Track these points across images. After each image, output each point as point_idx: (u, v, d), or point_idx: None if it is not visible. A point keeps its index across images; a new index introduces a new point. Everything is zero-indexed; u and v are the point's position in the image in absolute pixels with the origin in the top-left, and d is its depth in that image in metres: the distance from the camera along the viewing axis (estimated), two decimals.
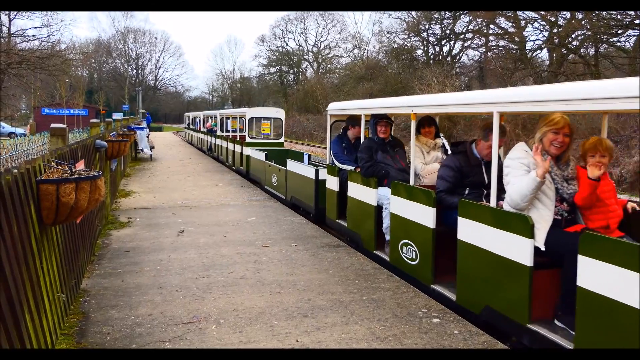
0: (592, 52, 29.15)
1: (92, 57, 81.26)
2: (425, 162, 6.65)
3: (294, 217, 9.55)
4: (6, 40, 33.12)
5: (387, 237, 6.53)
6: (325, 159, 23.07)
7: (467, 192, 5.41)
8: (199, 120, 31.97)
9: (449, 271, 5.28)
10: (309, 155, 12.62)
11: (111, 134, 10.99)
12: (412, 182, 6.00)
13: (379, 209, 6.78)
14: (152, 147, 22.95)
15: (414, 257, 5.81)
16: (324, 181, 8.89)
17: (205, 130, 27.51)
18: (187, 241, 7.63)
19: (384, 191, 6.64)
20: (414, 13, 44.86)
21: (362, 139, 7.52)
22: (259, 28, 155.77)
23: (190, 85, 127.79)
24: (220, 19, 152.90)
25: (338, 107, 8.55)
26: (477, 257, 4.73)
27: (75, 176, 3.71)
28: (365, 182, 7.01)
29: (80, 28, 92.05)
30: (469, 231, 4.83)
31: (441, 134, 7.29)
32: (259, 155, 14.51)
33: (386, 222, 6.52)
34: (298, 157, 13.78)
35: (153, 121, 58.93)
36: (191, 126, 37.08)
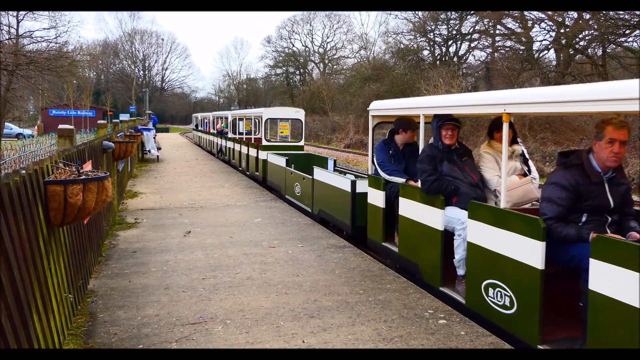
0: (599, 52, 29.03)
1: (100, 59, 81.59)
2: (500, 174, 5.40)
3: (300, 218, 9.56)
4: (14, 41, 33.31)
5: (460, 272, 5.28)
6: (347, 165, 19.84)
7: (584, 219, 4.21)
8: (208, 122, 30.37)
9: (559, 324, 4.28)
10: (334, 161, 11.52)
11: (118, 135, 11.04)
12: (503, 204, 4.63)
13: (446, 234, 5.48)
14: (159, 148, 23.01)
15: (507, 304, 4.47)
16: (364, 195, 7.61)
17: (216, 132, 26.11)
18: (193, 242, 7.65)
19: (455, 212, 5.39)
20: (420, 14, 44.83)
21: (422, 145, 6.02)
22: (265, 29, 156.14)
23: (196, 87, 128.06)
24: (226, 20, 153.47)
25: (384, 107, 7.16)
26: (628, 318, 3.35)
27: (83, 177, 3.73)
28: (427, 199, 5.69)
29: (88, 29, 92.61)
30: (613, 281, 3.43)
31: (519, 139, 5.95)
32: (278, 160, 12.93)
33: (459, 252, 5.24)
34: (320, 162, 12.59)
35: (160, 122, 59.08)
36: (200, 127, 35.36)
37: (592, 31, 28.27)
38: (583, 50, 29.86)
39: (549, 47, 33.35)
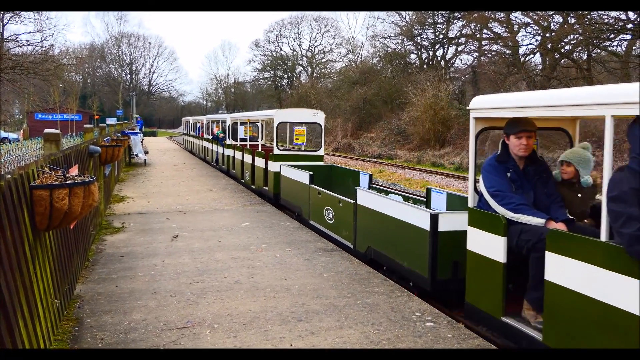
0: (584, 56, 29.36)
1: (86, 62, 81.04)
2: None
3: (288, 222, 9.56)
4: None
5: None
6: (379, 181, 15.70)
7: None
8: (202, 126, 27.10)
9: None
10: (370, 176, 9.47)
11: (105, 139, 10.98)
12: None
13: None
14: (146, 152, 22.89)
15: None
16: (450, 235, 5.48)
17: (211, 137, 23.14)
18: (181, 246, 7.62)
19: None
20: (407, 18, 45.07)
21: (608, 166, 3.59)
22: (253, 33, 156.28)
23: (184, 90, 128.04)
24: (214, 24, 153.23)
25: (503, 104, 4.60)
26: None
27: (69, 182, 3.71)
28: (626, 266, 3.36)
29: (74, 33, 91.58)
30: None
31: None
32: (298, 175, 10.42)
33: None
34: (345, 176, 10.86)
35: (147, 126, 58.84)
36: (191, 132, 32.08)
37: (577, 35, 28.59)
38: (568, 54, 30.18)
39: (535, 51, 33.67)
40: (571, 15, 27.59)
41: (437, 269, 5.55)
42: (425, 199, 7.69)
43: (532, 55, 34.90)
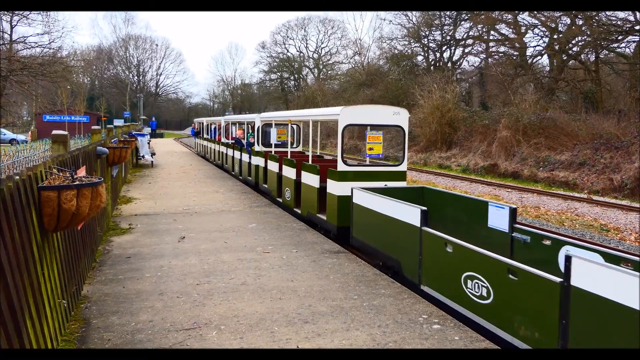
0: (592, 58, 29.24)
1: (94, 64, 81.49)
2: None
3: (294, 223, 9.55)
4: (8, 47, 33.23)
5: None
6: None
7: None
8: (218, 128, 23.29)
9: None
10: (513, 211, 6.13)
11: (112, 140, 11.02)
12: None
13: None
14: (153, 154, 22.93)
15: None
16: None
17: (231, 142, 19.24)
18: (187, 247, 7.64)
19: None
20: (414, 19, 45.04)
21: None
22: (259, 34, 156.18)
23: (191, 92, 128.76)
24: (221, 25, 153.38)
25: None
26: None
27: (77, 183, 3.72)
28: None
29: (82, 35, 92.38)
30: None
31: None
32: (390, 208, 6.68)
33: None
34: (447, 204, 7.60)
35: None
36: (205, 135, 27.97)
37: (585, 37, 28.48)
38: (576, 56, 30.07)
39: (543, 52, 33.57)
40: (579, 16, 27.49)
41: None
42: None
43: (539, 57, 34.84)
